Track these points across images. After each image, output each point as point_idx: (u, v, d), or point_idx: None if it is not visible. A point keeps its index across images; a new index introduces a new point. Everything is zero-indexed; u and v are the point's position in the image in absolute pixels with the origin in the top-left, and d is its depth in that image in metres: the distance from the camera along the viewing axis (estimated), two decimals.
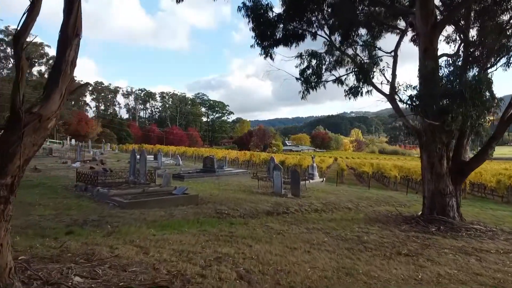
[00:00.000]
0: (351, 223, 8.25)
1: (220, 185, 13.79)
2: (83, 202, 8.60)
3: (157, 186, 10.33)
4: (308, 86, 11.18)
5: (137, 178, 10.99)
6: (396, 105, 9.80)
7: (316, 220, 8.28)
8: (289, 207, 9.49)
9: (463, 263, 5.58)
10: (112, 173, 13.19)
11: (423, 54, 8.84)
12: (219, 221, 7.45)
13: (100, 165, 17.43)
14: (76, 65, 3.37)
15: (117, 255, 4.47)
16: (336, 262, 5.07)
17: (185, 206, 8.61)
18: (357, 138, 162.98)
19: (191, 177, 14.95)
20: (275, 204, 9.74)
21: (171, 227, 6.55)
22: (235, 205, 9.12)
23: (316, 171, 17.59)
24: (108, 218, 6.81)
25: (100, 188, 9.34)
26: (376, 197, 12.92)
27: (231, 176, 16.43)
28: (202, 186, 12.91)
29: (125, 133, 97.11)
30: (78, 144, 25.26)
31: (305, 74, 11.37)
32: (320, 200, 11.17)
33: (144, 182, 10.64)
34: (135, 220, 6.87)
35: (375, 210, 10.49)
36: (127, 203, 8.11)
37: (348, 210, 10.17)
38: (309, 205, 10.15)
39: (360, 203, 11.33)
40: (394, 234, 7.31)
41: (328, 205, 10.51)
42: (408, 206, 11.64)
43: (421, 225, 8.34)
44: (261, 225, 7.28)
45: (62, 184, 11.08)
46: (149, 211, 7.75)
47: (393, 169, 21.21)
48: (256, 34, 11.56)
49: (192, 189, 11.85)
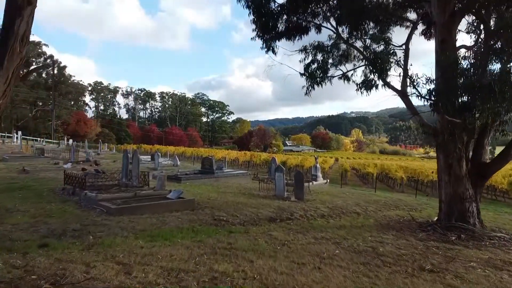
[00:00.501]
0: (362, 230, 7.51)
1: (219, 187, 13.04)
2: (67, 207, 7.84)
3: (150, 190, 9.58)
4: (313, 82, 10.42)
5: (130, 180, 10.24)
6: (408, 102, 9.04)
7: (323, 228, 7.53)
8: (293, 213, 8.73)
9: (496, 280, 4.85)
10: (104, 175, 12.43)
11: (440, 45, 8.09)
12: (216, 229, 6.69)
13: (94, 166, 16.67)
14: (29, 42, 2.63)
15: (92, 277, 3.72)
16: (352, 281, 4.32)
17: (180, 212, 7.86)
18: (357, 138, 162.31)
19: (189, 179, 14.19)
20: (278, 209, 8.99)
21: (162, 237, 5.80)
22: (234, 211, 8.37)
23: (319, 172, 16.85)
24: (91, 227, 6.06)
25: (88, 191, 8.58)
26: (384, 200, 12.16)
27: (230, 177, 15.67)
28: (199, 189, 12.16)
29: (124, 133, 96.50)
30: (72, 144, 24.46)
31: (310, 69, 10.62)
32: (326, 204, 10.42)
33: (136, 185, 9.89)
34: (122, 229, 6.12)
35: (385, 215, 9.74)
36: (116, 208, 7.35)
37: (356, 215, 9.42)
38: (314, 210, 9.40)
39: (368, 207, 10.58)
40: (412, 244, 6.56)
41: (335, 209, 9.76)
42: (420, 211, 10.89)
43: (439, 233, 7.59)
44: (264, 234, 6.53)
45: (48, 187, 10.32)
46: (139, 218, 6.99)
47: (399, 170, 20.46)
48: (257, 26, 10.81)
49: (189, 192, 11.10)
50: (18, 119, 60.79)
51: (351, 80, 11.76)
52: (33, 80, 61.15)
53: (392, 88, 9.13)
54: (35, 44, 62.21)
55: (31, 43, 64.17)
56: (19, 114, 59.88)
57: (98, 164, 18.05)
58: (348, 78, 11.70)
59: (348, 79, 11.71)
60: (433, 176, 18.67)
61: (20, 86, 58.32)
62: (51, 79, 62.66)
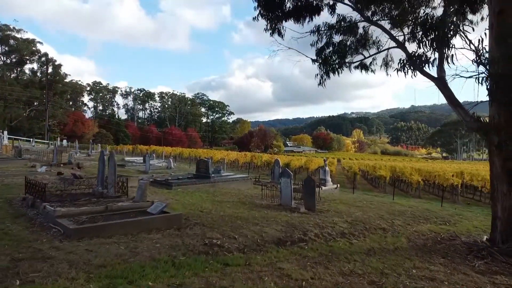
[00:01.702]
0: (398, 257, 5.71)
1: (215, 195, 11.24)
2: (15, 227, 6.04)
3: (129, 200, 7.78)
4: (327, 69, 8.64)
5: (107, 188, 8.44)
6: (448, 92, 7.24)
7: (348, 253, 5.73)
8: (307, 230, 6.93)
9: None
10: (81, 181, 10.65)
11: (496, 17, 6.31)
12: (207, 261, 4.90)
13: (75, 170, 14.87)
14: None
15: None
16: None
17: (161, 233, 6.06)
18: (359, 139, 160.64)
19: (181, 185, 12.40)
20: (286, 226, 7.19)
21: (125, 278, 4.00)
22: (232, 229, 6.57)
23: (328, 175, 15.05)
24: (26, 264, 4.26)
25: (47, 204, 6.78)
26: (409, 210, 10.36)
27: (229, 182, 13.87)
28: (192, 197, 10.36)
29: (122, 133, 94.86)
30: (55, 145, 22.62)
31: (324, 53, 8.85)
32: (344, 217, 8.62)
33: (112, 195, 8.09)
34: (71, 265, 4.32)
35: (416, 231, 7.93)
36: (75, 229, 5.56)
37: (383, 232, 7.62)
38: (331, 225, 7.59)
39: (394, 220, 8.78)
40: (473, 281, 4.77)
41: (355, 224, 7.96)
42: (454, 224, 9.08)
43: (500, 260, 5.79)
44: (271, 268, 4.74)
45: (7, 197, 8.50)
46: (103, 244, 5.20)
47: (414, 173, 18.64)
48: (260, 3, 9.03)
49: (178, 202, 9.31)
50: (12, 118, 59.00)
51: (369, 70, 10.05)
52: (27, 79, 59.39)
53: (428, 76, 7.32)
54: (29, 41, 60.48)
55: (24, 41, 62.50)
56: (13, 113, 58.07)
57: (81, 167, 16.27)
58: (366, 67, 9.96)
59: (367, 68, 9.97)
60: (453, 180, 16.86)
61: (14, 85, 56.59)
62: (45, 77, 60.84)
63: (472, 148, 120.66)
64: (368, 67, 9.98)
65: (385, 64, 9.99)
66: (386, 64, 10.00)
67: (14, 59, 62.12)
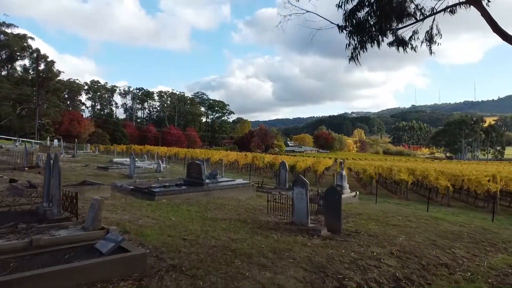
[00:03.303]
0: None
1: (207, 208, 8.78)
2: None
3: (77, 225, 5.30)
4: (363, 39, 6.18)
5: (53, 204, 5.97)
6: None
7: None
8: (343, 277, 4.47)
9: None
10: (33, 191, 8.21)
11: None
12: None
13: (41, 175, 12.42)
14: None
15: None
16: None
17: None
18: (360, 139, 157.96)
19: (167, 194, 9.95)
20: (310, 267, 4.72)
21: None
22: (226, 281, 4.11)
23: (345, 181, 12.59)
24: None
25: None
26: (463, 230, 7.88)
27: (226, 190, 11.40)
28: (176, 213, 7.90)
29: (120, 133, 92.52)
30: (25, 146, 20.17)
31: (356, 17, 6.38)
32: (385, 245, 6.16)
33: (56, 216, 5.62)
34: None
35: (491, 267, 5.47)
36: None
37: (447, 271, 5.14)
38: (375, 264, 5.12)
39: (453, 248, 6.31)
40: None
41: (406, 260, 5.49)
42: None
43: None
44: None
45: None
46: None
47: (441, 177, 16.18)
48: None
49: (156, 222, 6.85)
50: (1, 117, 56.41)
51: (408, 46, 7.68)
52: (17, 76, 56.81)
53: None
54: (20, 37, 57.87)
55: (15, 36, 59.91)
56: (2, 112, 55.45)
57: None
58: (405, 42, 7.57)
59: (405, 44, 7.58)
60: (489, 186, 14.38)
61: (3, 81, 54.05)
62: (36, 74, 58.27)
63: (477, 148, 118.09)
64: (407, 43, 7.59)
65: (429, 39, 7.63)
66: (431, 39, 7.63)
67: (4, 55, 59.53)
